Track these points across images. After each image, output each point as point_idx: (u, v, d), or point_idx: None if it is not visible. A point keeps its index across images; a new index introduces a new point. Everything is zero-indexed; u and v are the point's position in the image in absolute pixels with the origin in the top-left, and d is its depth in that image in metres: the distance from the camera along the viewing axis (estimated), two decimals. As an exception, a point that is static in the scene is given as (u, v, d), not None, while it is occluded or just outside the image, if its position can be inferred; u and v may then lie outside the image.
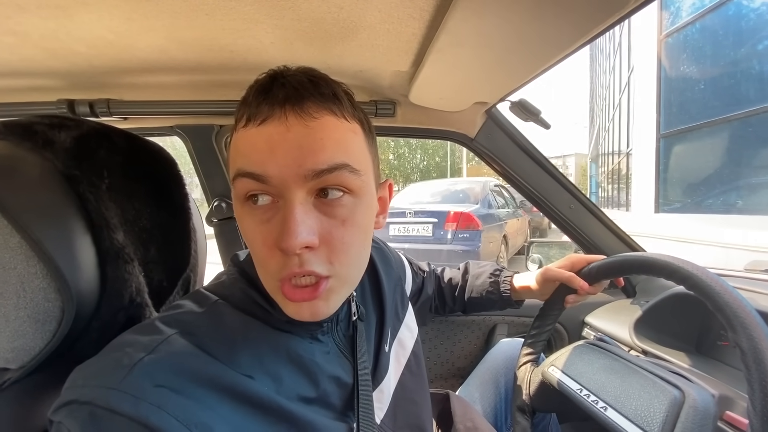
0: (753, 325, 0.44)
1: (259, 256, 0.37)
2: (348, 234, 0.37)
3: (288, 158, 0.34)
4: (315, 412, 0.40)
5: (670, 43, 5.85)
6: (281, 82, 0.36)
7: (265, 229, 0.36)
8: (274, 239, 0.35)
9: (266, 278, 0.38)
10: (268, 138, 0.34)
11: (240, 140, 0.36)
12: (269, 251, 0.36)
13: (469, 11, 0.47)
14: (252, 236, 0.37)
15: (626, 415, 0.52)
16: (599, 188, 17.14)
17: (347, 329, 0.48)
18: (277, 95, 0.35)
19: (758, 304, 0.64)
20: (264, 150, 0.34)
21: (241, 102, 0.38)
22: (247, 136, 0.36)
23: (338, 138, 0.36)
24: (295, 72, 0.38)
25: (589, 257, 0.71)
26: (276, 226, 0.35)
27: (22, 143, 0.39)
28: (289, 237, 0.33)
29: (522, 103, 0.87)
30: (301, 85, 0.36)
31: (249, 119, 0.36)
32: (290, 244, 0.33)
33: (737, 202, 4.70)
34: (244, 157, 0.35)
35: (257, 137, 0.35)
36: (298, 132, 0.34)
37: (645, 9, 0.47)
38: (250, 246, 0.38)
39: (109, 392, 0.29)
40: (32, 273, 0.34)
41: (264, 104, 0.35)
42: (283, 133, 0.34)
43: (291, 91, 0.35)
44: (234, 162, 0.36)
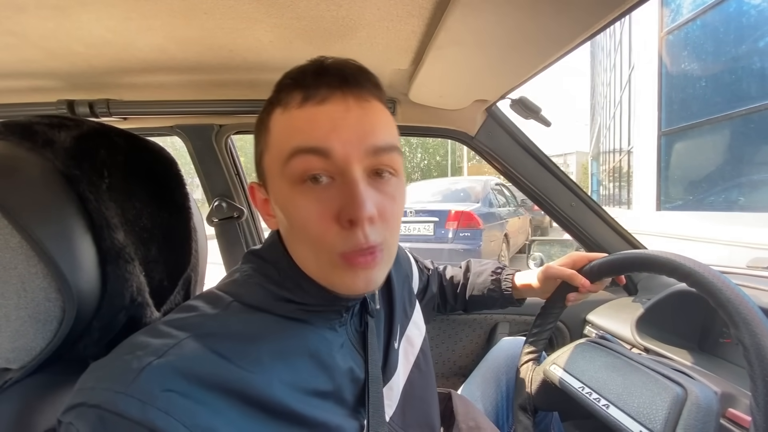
0: (755, 321, 0.44)
1: (314, 233, 0.37)
2: (396, 209, 0.40)
3: (351, 135, 0.36)
4: (328, 411, 0.40)
5: (671, 40, 5.83)
6: (335, 67, 0.38)
7: (324, 205, 0.37)
8: (335, 213, 0.36)
9: (319, 255, 0.38)
10: (330, 116, 0.36)
11: (296, 118, 0.37)
12: (328, 226, 0.37)
13: (468, 8, 0.47)
14: (306, 214, 0.37)
15: (629, 412, 0.52)
16: (600, 186, 17.11)
17: (359, 325, 0.49)
18: (335, 78, 0.37)
19: (761, 301, 0.64)
20: (327, 127, 0.36)
21: (288, 84, 0.39)
22: (304, 114, 0.37)
23: (387, 122, 0.40)
24: (343, 60, 0.40)
25: (590, 255, 0.71)
26: (335, 202, 0.36)
27: (22, 143, 0.39)
28: (358, 208, 0.35)
29: (522, 100, 0.87)
30: (354, 70, 0.39)
31: (306, 98, 0.37)
32: (360, 214, 0.35)
33: (739, 199, 4.68)
34: (303, 134, 0.36)
35: (318, 115, 0.36)
36: (357, 113, 0.37)
37: (645, 6, 0.47)
38: (300, 224, 0.38)
39: (117, 396, 0.29)
40: (33, 273, 0.34)
41: (323, 85, 0.37)
42: (344, 112, 0.37)
43: (348, 75, 0.38)
44: (288, 140, 0.37)
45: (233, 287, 0.42)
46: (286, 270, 0.42)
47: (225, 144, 1.00)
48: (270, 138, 0.39)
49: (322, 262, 0.39)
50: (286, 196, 0.38)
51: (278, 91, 0.40)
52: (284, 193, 0.38)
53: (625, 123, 9.30)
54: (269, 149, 0.40)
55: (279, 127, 0.38)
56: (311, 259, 0.40)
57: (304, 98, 0.37)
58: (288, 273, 0.42)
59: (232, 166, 1.04)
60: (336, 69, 0.38)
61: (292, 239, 0.41)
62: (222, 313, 0.39)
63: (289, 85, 0.39)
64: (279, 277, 0.42)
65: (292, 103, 0.38)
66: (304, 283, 0.41)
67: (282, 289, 0.41)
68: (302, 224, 0.38)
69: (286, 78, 0.40)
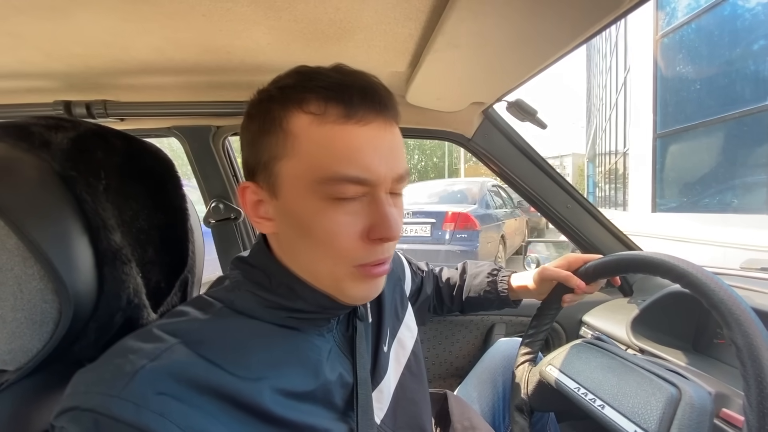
0: (748, 322, 0.44)
1: (339, 245, 0.38)
2: (402, 224, 0.43)
3: (386, 161, 0.38)
4: (317, 415, 0.40)
5: (666, 43, 5.88)
6: (370, 86, 0.39)
7: (352, 220, 0.38)
8: (361, 229, 0.39)
9: (337, 266, 0.40)
10: (371, 142, 0.37)
11: (338, 139, 0.37)
12: (354, 240, 0.39)
13: (465, 12, 0.47)
14: (335, 228, 0.38)
15: (624, 412, 0.53)
16: (596, 188, 17.18)
17: (346, 329, 0.49)
18: (376, 99, 0.38)
19: (754, 302, 0.65)
20: (371, 155, 0.37)
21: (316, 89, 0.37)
22: (347, 135, 0.37)
23: (403, 146, 0.43)
24: (371, 77, 0.40)
25: (585, 256, 0.71)
26: (363, 218, 0.39)
27: (18, 144, 0.39)
28: (391, 229, 0.38)
29: (518, 103, 0.87)
30: (386, 93, 0.40)
31: (348, 116, 0.37)
32: (392, 235, 0.39)
33: (733, 201, 4.72)
34: (350, 162, 0.36)
35: (359, 139, 0.37)
36: (389, 138, 0.39)
37: (641, 9, 0.48)
38: (323, 237, 0.38)
39: (111, 399, 0.29)
40: (29, 274, 0.34)
41: (364, 107, 0.37)
42: (381, 138, 0.38)
43: (385, 99, 0.39)
44: (330, 162, 0.36)
45: (223, 293, 0.42)
46: (278, 276, 0.41)
47: (222, 145, 1.00)
48: (297, 146, 0.37)
49: (338, 273, 0.40)
50: (312, 208, 0.38)
51: (301, 92, 0.38)
52: (309, 206, 0.38)
53: (620, 125, 9.35)
54: (294, 158, 0.37)
55: (313, 140, 0.37)
56: (325, 269, 0.40)
57: (345, 115, 0.36)
58: (280, 279, 0.41)
59: (229, 167, 1.04)
60: (375, 91, 0.38)
61: (305, 247, 0.40)
62: (212, 318, 0.39)
63: (323, 93, 0.37)
64: (270, 284, 0.41)
65: (329, 115, 0.37)
66: (298, 288, 0.41)
67: (273, 296, 0.41)
68: (328, 237, 0.38)
69: (311, 81, 0.38)
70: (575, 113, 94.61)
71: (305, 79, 0.39)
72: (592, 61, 19.14)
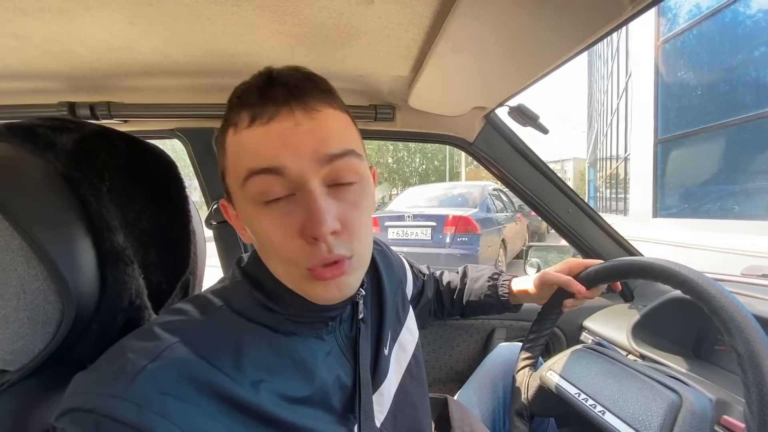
0: (749, 328, 0.44)
1: (281, 250, 0.37)
2: (360, 216, 0.39)
3: (302, 148, 0.35)
4: (316, 418, 0.40)
5: (667, 49, 5.89)
6: (280, 80, 0.37)
7: (286, 221, 0.36)
8: (298, 230, 0.36)
9: (289, 270, 0.39)
10: (279, 134, 0.35)
11: (245, 141, 0.36)
12: (292, 242, 0.36)
13: (469, 17, 0.47)
14: (271, 232, 0.37)
15: (624, 419, 0.52)
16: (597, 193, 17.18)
17: (350, 330, 0.49)
18: (280, 93, 0.36)
19: (755, 309, 0.65)
20: (277, 145, 0.35)
21: (236, 103, 0.38)
22: (253, 135, 0.36)
23: (341, 127, 0.39)
24: (288, 70, 0.38)
25: (586, 261, 0.71)
26: (297, 218, 0.36)
27: (23, 145, 0.39)
28: (319, 224, 0.35)
29: (520, 108, 0.88)
30: (300, 81, 0.37)
31: (253, 119, 0.36)
32: (322, 230, 0.35)
33: (734, 207, 4.71)
34: (255, 156, 0.36)
35: (266, 135, 0.36)
36: (308, 125, 0.36)
37: (642, 15, 0.48)
38: (267, 242, 0.38)
39: (113, 400, 0.29)
40: (32, 275, 0.34)
41: (268, 103, 0.36)
42: (293, 128, 0.36)
43: (293, 89, 0.36)
44: (241, 163, 0.36)
45: (223, 292, 0.43)
46: (269, 282, 0.42)
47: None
48: (227, 159, 0.39)
49: (293, 276, 0.39)
50: (250, 215, 0.38)
51: (229, 109, 0.39)
52: (248, 213, 0.38)
53: (621, 130, 9.36)
54: (228, 170, 0.39)
55: (232, 148, 0.38)
56: (284, 274, 0.40)
57: (251, 118, 0.36)
58: (271, 285, 0.42)
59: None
60: (281, 82, 0.37)
61: (264, 255, 0.41)
62: (211, 318, 0.39)
63: (237, 104, 0.38)
64: (264, 289, 0.42)
65: (240, 123, 0.37)
66: (285, 295, 0.41)
67: (268, 300, 0.41)
68: (269, 242, 0.38)
69: (234, 96, 0.39)
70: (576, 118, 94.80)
71: (233, 95, 0.39)
72: (594, 66, 19.19)
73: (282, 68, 0.39)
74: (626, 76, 8.32)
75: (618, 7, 0.44)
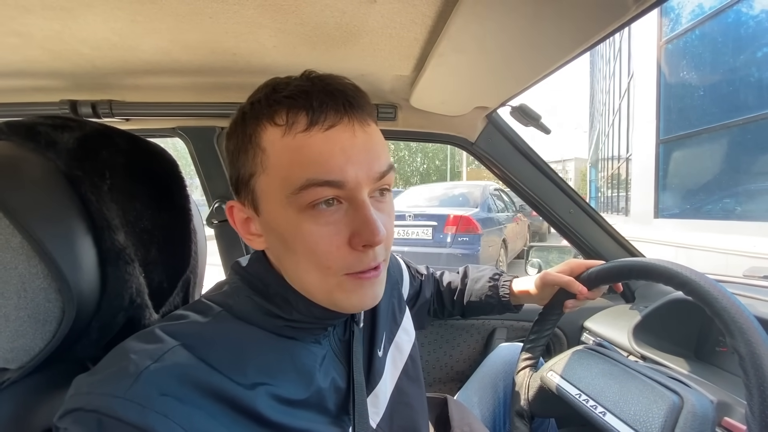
0: (751, 330, 0.44)
1: (324, 257, 0.38)
2: (392, 224, 0.42)
3: (362, 163, 0.37)
4: (312, 421, 0.40)
5: (669, 49, 5.87)
6: (336, 87, 0.38)
7: (332, 229, 0.37)
8: (346, 238, 0.38)
9: (326, 278, 0.39)
10: (341, 145, 0.36)
11: (303, 146, 0.36)
12: (338, 250, 0.38)
13: (471, 17, 0.47)
14: (316, 239, 0.37)
15: (625, 420, 0.52)
16: (599, 193, 17.16)
17: (343, 333, 0.49)
18: (340, 102, 0.37)
19: (757, 311, 0.65)
20: (341, 158, 0.36)
21: (284, 103, 0.37)
22: (314, 142, 0.36)
23: (383, 143, 0.41)
24: (337, 78, 0.39)
25: (588, 262, 0.71)
26: (346, 226, 0.38)
27: (25, 143, 0.39)
28: (376, 233, 0.37)
29: (522, 108, 0.87)
30: (354, 92, 0.38)
31: (312, 123, 0.36)
32: (378, 239, 0.37)
33: (736, 208, 4.69)
34: (318, 166, 0.36)
35: (328, 144, 0.36)
36: (363, 138, 0.38)
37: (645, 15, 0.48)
38: (307, 249, 0.38)
39: (116, 401, 0.29)
40: (33, 273, 0.34)
41: (329, 110, 0.36)
42: (351, 139, 0.37)
43: (351, 99, 0.38)
44: (299, 170, 0.36)
45: (222, 297, 0.42)
46: (274, 287, 0.42)
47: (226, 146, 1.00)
48: (268, 161, 0.37)
49: (329, 284, 0.39)
50: (292, 221, 0.37)
51: (269, 106, 0.37)
52: (289, 219, 0.37)
53: (623, 131, 9.34)
54: (267, 172, 0.38)
55: (281, 152, 0.37)
56: (315, 281, 0.39)
57: (309, 122, 0.36)
58: (276, 290, 0.41)
59: (232, 168, 1.04)
60: (338, 90, 0.37)
61: (291, 261, 0.40)
62: (211, 322, 0.39)
63: (286, 103, 0.37)
64: (267, 293, 0.42)
65: (295, 126, 0.36)
66: (293, 299, 0.41)
67: (271, 305, 0.41)
68: (310, 248, 0.37)
69: (272, 92, 0.38)
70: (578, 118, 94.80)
71: (273, 91, 0.38)
72: (596, 66, 19.15)
73: (325, 74, 0.39)
74: (628, 76, 8.30)
75: (621, 7, 0.44)
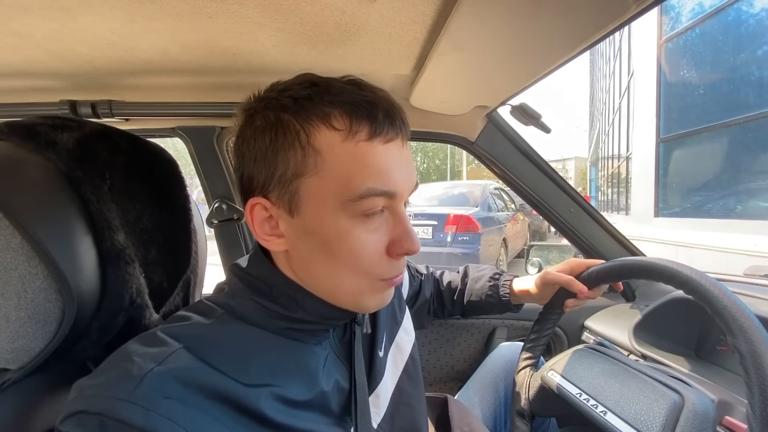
0: (752, 329, 0.44)
1: (366, 262, 0.40)
2: None
3: (408, 177, 0.41)
4: (315, 421, 0.40)
5: (669, 48, 5.86)
6: (393, 104, 0.40)
7: (376, 237, 0.40)
8: (386, 244, 0.40)
9: (361, 281, 0.41)
10: (395, 158, 0.40)
11: (364, 155, 0.38)
12: (379, 256, 0.40)
13: (471, 16, 0.47)
14: (362, 244, 0.39)
15: (626, 419, 0.52)
16: (599, 192, 17.15)
17: (343, 335, 0.49)
18: (397, 118, 0.40)
19: (757, 309, 0.65)
20: (395, 170, 0.39)
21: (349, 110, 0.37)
22: (375, 153, 0.38)
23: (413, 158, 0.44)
24: (390, 96, 0.41)
25: (588, 261, 0.71)
26: (386, 234, 0.41)
27: (24, 144, 0.39)
28: (415, 243, 0.41)
29: (522, 107, 0.87)
30: (402, 111, 0.41)
31: (375, 134, 0.38)
32: (416, 248, 0.41)
33: (736, 207, 4.69)
34: (380, 176, 0.38)
35: (387, 156, 0.39)
36: (406, 154, 0.41)
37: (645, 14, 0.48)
38: (349, 253, 0.39)
39: (119, 403, 0.29)
40: (33, 274, 0.34)
41: (389, 125, 0.39)
42: (400, 154, 0.40)
43: (403, 118, 0.41)
44: (360, 177, 0.37)
45: (223, 299, 0.42)
46: (279, 286, 0.41)
47: (226, 146, 1.01)
48: (322, 163, 0.37)
49: (361, 287, 0.41)
50: (342, 226, 0.38)
51: (322, 106, 0.37)
52: (338, 224, 0.38)
53: (623, 129, 9.33)
54: (321, 175, 0.37)
55: (342, 157, 0.37)
56: (348, 284, 0.41)
57: (372, 132, 0.38)
58: (281, 289, 0.41)
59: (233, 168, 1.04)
60: (395, 109, 0.40)
61: (325, 265, 0.40)
62: (214, 324, 0.39)
63: (347, 109, 0.37)
64: (271, 294, 0.41)
65: (359, 134, 0.37)
66: (299, 298, 0.41)
67: (275, 305, 0.41)
68: (356, 254, 0.39)
69: (333, 96, 0.38)
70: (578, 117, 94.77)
71: (324, 92, 0.38)
72: (596, 65, 19.13)
73: (376, 87, 0.41)
74: (628, 74, 8.29)
75: (621, 5, 0.44)
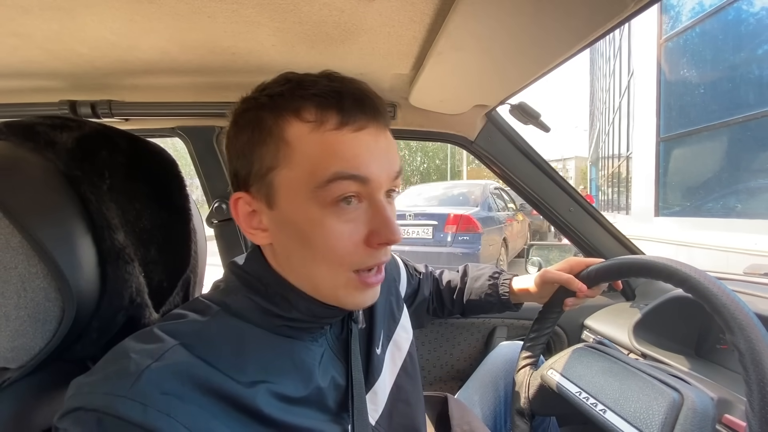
0: (751, 327, 0.44)
1: (340, 252, 0.39)
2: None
3: (383, 163, 0.40)
4: (312, 418, 0.40)
5: (669, 47, 5.86)
6: (365, 92, 0.40)
7: (352, 227, 0.39)
8: (363, 235, 0.40)
9: (336, 274, 0.40)
10: (366, 145, 0.39)
11: (332, 143, 0.38)
12: (355, 246, 0.40)
13: (469, 15, 0.47)
14: (337, 234, 0.39)
15: (625, 417, 0.52)
16: (599, 191, 17.14)
17: (340, 332, 0.49)
18: (369, 106, 0.39)
19: (757, 308, 0.65)
20: (367, 156, 0.39)
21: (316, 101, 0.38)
22: (344, 140, 0.38)
23: (396, 147, 0.44)
24: (360, 83, 0.41)
25: (587, 260, 0.71)
26: (364, 224, 0.40)
27: (24, 144, 0.39)
28: (395, 232, 0.40)
29: (522, 106, 0.87)
30: (378, 99, 0.41)
31: (343, 123, 0.38)
32: (397, 237, 0.40)
33: (737, 206, 4.69)
34: (345, 161, 0.37)
35: (357, 143, 0.38)
36: (384, 142, 0.41)
37: (645, 13, 0.48)
38: (323, 244, 0.39)
39: (117, 400, 0.29)
40: (33, 273, 0.35)
41: (360, 114, 0.38)
42: (375, 142, 0.40)
43: (378, 105, 0.41)
44: (327, 164, 0.37)
45: (219, 296, 0.42)
46: (273, 286, 0.41)
47: (225, 146, 1.01)
48: (293, 155, 0.38)
49: (338, 281, 0.41)
50: (314, 216, 0.38)
51: (293, 101, 0.38)
52: (310, 214, 0.38)
53: (624, 129, 9.33)
54: (290, 166, 0.38)
55: (310, 147, 0.37)
56: (325, 276, 0.40)
57: (340, 122, 0.38)
58: (275, 289, 0.41)
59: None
60: (367, 95, 0.40)
61: (302, 257, 0.40)
62: (210, 320, 0.39)
63: (316, 101, 0.38)
64: (266, 292, 0.41)
65: (326, 123, 0.37)
66: (293, 298, 0.41)
67: (269, 304, 0.41)
68: (330, 244, 0.39)
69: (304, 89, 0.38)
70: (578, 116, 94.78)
71: (297, 87, 0.39)
72: (596, 64, 19.13)
73: (348, 77, 0.41)
74: (628, 74, 8.29)
75: (620, 4, 0.44)
